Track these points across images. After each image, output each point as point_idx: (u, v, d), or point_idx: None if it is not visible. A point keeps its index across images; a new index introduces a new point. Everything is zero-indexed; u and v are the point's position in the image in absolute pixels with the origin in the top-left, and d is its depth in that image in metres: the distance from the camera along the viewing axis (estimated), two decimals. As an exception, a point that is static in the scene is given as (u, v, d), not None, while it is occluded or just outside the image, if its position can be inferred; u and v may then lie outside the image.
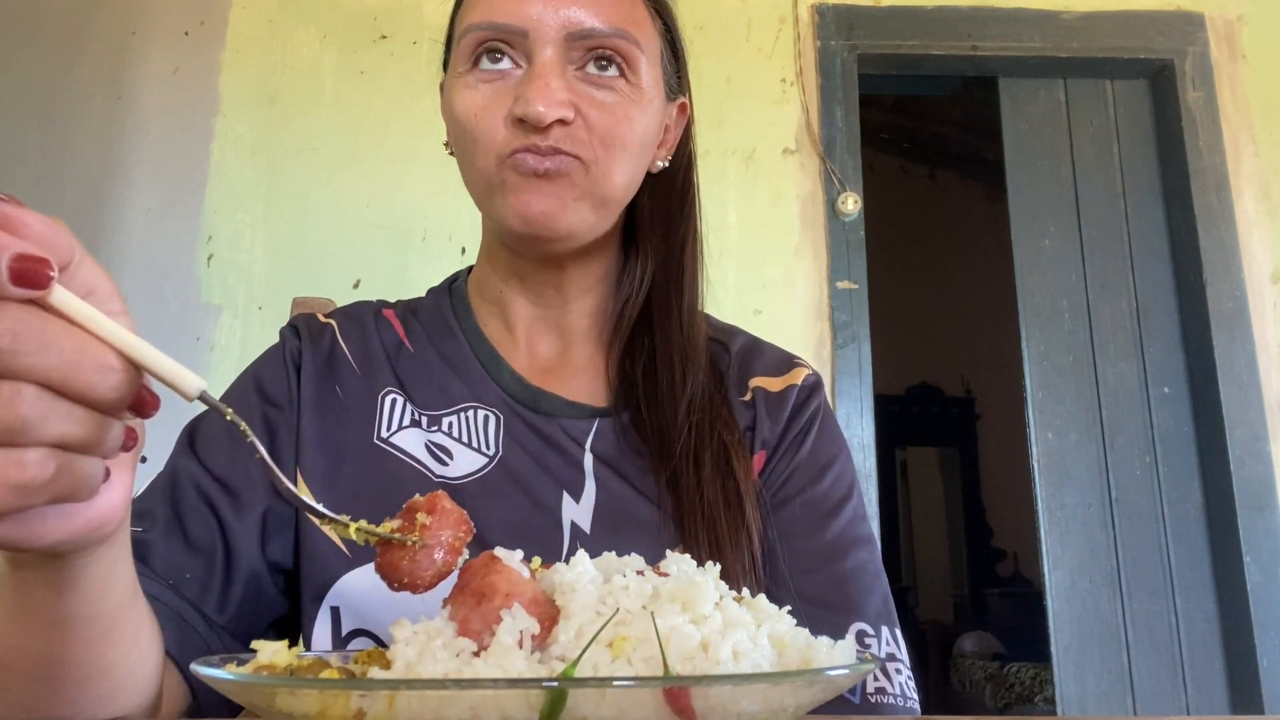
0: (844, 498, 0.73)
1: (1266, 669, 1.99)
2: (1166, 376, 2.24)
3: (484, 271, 0.80)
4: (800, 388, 0.77)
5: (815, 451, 0.74)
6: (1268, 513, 2.06)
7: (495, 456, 0.70)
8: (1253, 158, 2.27)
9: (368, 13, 2.26)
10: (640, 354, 0.75)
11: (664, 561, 0.44)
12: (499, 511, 0.67)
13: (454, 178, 0.74)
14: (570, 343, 0.78)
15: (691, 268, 0.78)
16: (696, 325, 0.77)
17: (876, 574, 0.71)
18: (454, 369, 0.75)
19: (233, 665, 0.40)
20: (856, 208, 2.16)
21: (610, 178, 0.68)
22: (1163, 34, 2.32)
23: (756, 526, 0.68)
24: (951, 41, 2.29)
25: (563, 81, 0.66)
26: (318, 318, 0.79)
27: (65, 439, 0.32)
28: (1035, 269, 2.31)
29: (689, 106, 0.79)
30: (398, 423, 0.71)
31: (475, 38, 0.68)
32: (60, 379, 0.31)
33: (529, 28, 0.66)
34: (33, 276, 0.30)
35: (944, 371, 5.85)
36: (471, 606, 0.39)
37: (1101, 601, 2.11)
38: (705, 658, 0.37)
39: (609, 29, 0.67)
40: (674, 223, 0.78)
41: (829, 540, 0.70)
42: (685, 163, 0.80)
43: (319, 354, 0.75)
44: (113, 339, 0.32)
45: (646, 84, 0.70)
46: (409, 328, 0.78)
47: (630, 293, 0.77)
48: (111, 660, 0.48)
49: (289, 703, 0.34)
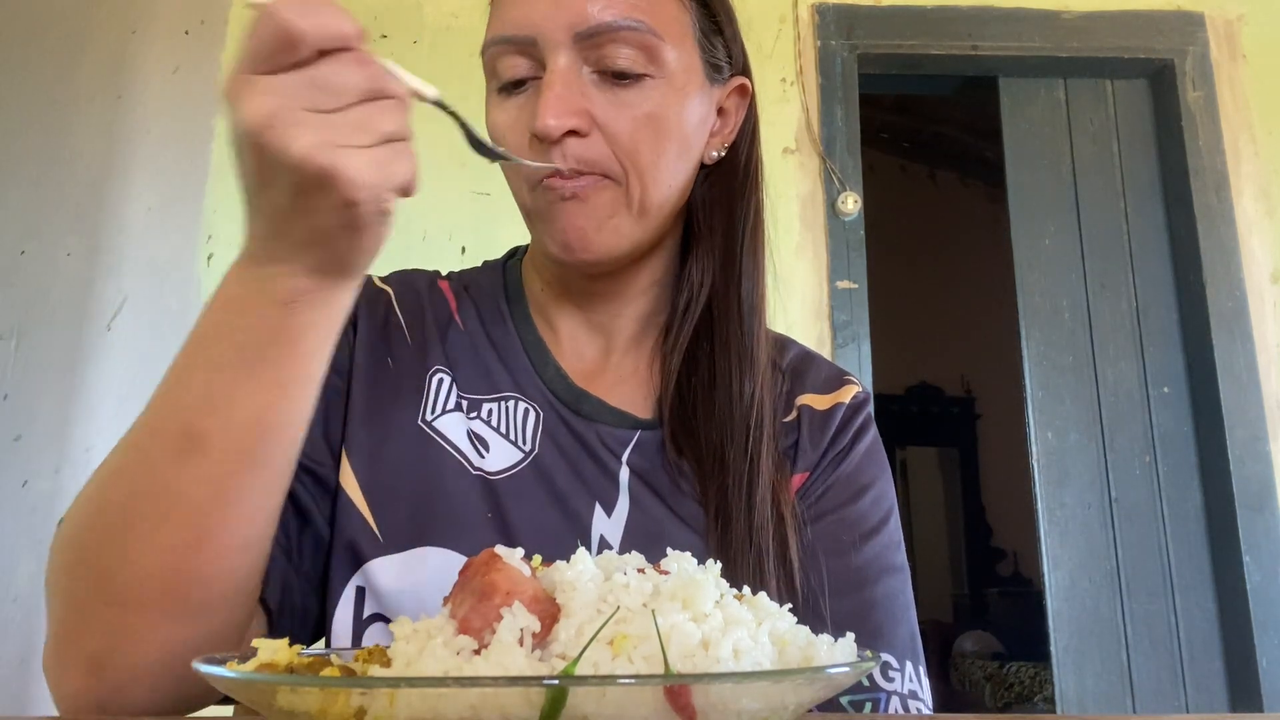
0: (881, 522, 0.70)
1: (1266, 668, 1.99)
2: (1166, 376, 2.24)
3: (529, 267, 0.78)
4: (848, 406, 0.74)
5: (857, 470, 0.71)
6: (1267, 513, 2.07)
7: (531, 453, 0.68)
8: (1253, 157, 2.27)
9: (368, 12, 2.26)
10: (695, 362, 0.71)
11: (664, 559, 0.44)
12: (529, 513, 0.66)
13: (454, 177, 0.75)
14: (615, 347, 0.75)
15: (752, 266, 0.73)
16: (758, 329, 0.71)
17: (906, 605, 0.68)
18: (500, 355, 0.73)
19: (234, 663, 0.40)
20: (856, 207, 2.16)
21: (649, 187, 0.65)
22: (1163, 34, 2.32)
23: (799, 555, 0.65)
24: (951, 41, 2.29)
25: (574, 89, 0.62)
26: (374, 281, 0.76)
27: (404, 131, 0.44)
28: (1035, 269, 2.31)
29: (750, 86, 0.74)
30: (443, 405, 0.70)
31: (493, 54, 0.66)
32: (401, 94, 0.45)
33: (535, 34, 0.63)
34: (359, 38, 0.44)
35: (944, 371, 5.85)
36: (472, 604, 0.39)
37: (1101, 601, 2.11)
38: (706, 656, 0.37)
39: (620, 20, 0.62)
40: (734, 215, 0.73)
41: (860, 564, 0.67)
42: (747, 148, 0.75)
43: (374, 320, 0.73)
44: (393, 69, 0.46)
45: (676, 71, 0.65)
46: (461, 303, 0.76)
47: (690, 298, 0.72)
48: (271, 486, 0.52)
49: (290, 700, 0.34)
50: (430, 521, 0.65)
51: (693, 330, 0.72)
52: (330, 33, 0.41)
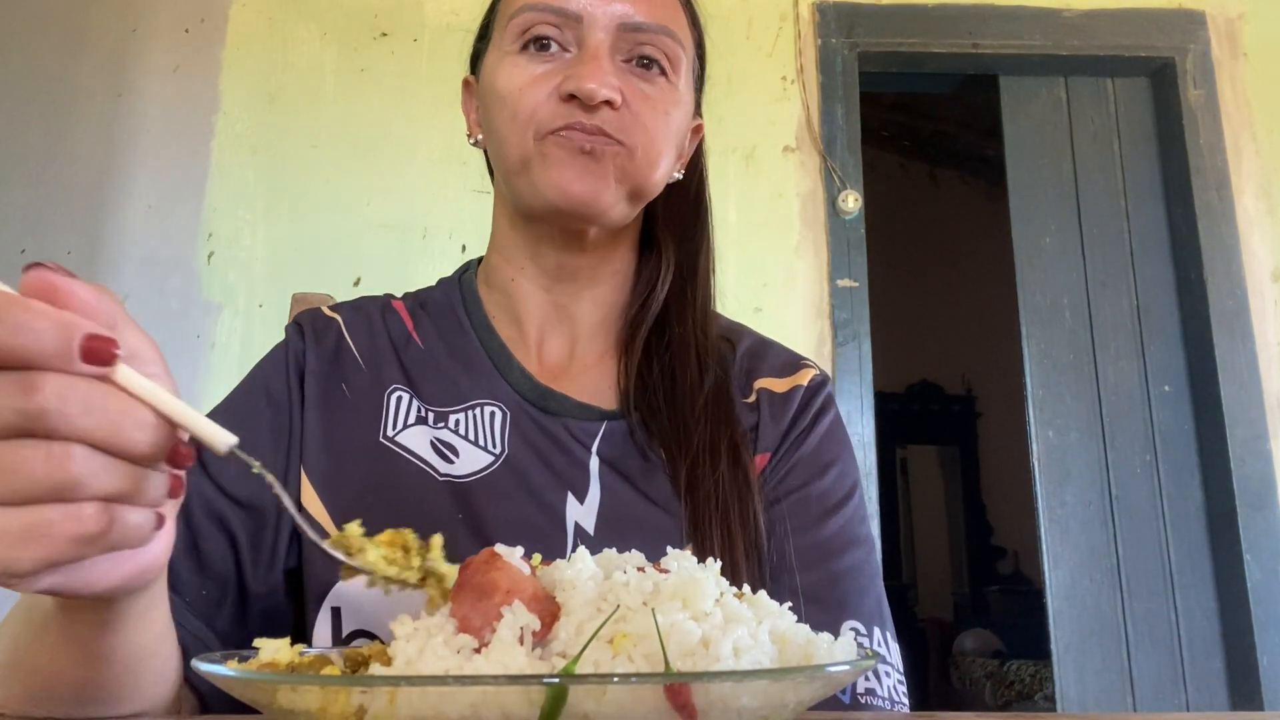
0: (845, 497, 0.73)
1: (1266, 667, 1.99)
2: (1167, 375, 2.24)
3: (494, 261, 0.79)
4: (806, 388, 0.76)
5: (819, 449, 0.74)
6: (1268, 511, 2.06)
7: (501, 455, 0.70)
8: (1254, 156, 2.27)
9: (368, 10, 2.26)
10: (655, 356, 0.75)
11: (665, 558, 0.44)
12: (503, 510, 0.67)
13: (454, 175, 0.75)
14: (579, 337, 0.77)
15: (705, 272, 0.80)
16: (710, 326, 0.78)
17: (872, 575, 0.71)
18: (463, 365, 0.74)
19: (234, 662, 0.40)
20: (857, 206, 2.16)
21: (650, 168, 0.70)
22: (1164, 32, 2.32)
23: (764, 524, 0.68)
24: (952, 39, 2.29)
25: (613, 65, 0.68)
26: (323, 312, 0.78)
27: (114, 492, 0.34)
28: (1036, 267, 2.31)
29: (702, 127, 0.82)
30: (404, 420, 0.71)
31: (528, 19, 0.69)
32: (104, 438, 0.33)
33: (584, 14, 0.68)
34: (101, 355, 0.33)
35: (944, 369, 5.85)
36: (472, 603, 0.39)
37: (1102, 599, 2.11)
38: (706, 654, 0.37)
39: (658, 26, 0.70)
40: (689, 231, 0.80)
41: (826, 537, 0.70)
42: (698, 180, 0.82)
43: (324, 351, 0.74)
44: (150, 399, 0.35)
45: (682, 88, 0.73)
46: (418, 321, 0.78)
47: (649, 292, 0.78)
48: (143, 686, 0.50)
49: (290, 699, 0.34)
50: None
51: (652, 327, 0.77)
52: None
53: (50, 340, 0.32)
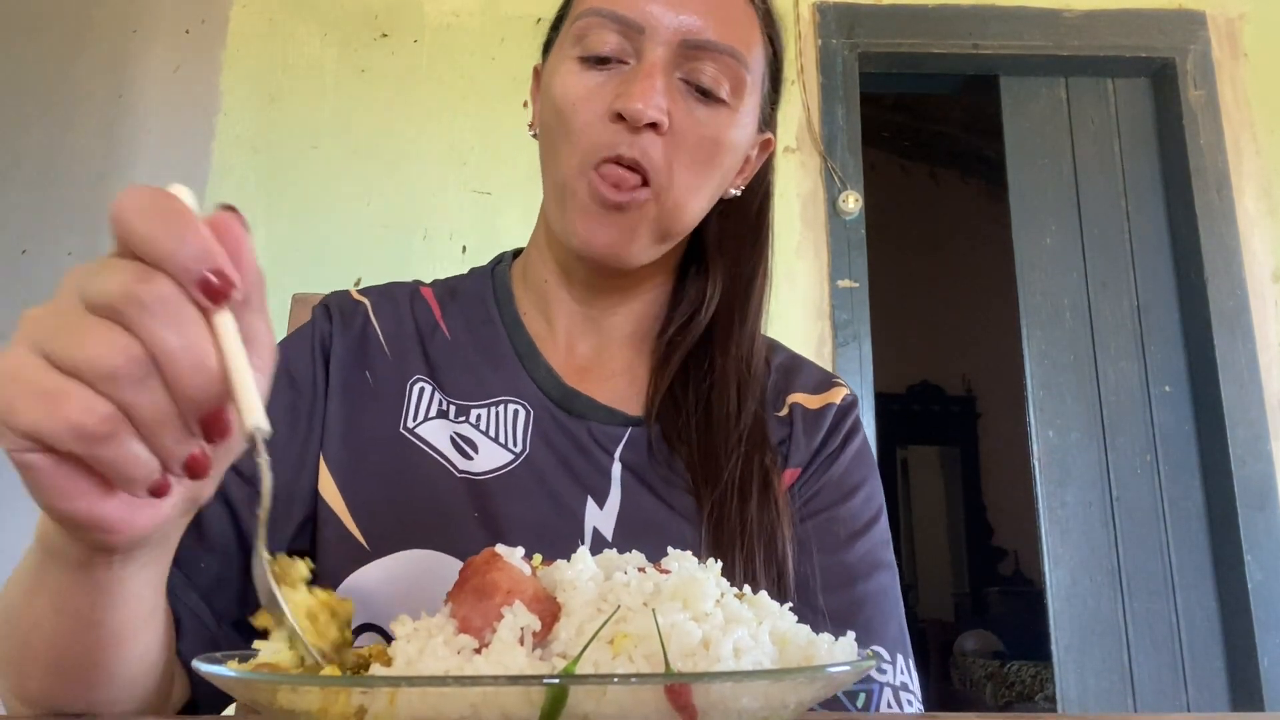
0: (871, 520, 0.72)
1: (1267, 667, 1.99)
2: (1167, 375, 2.24)
3: (532, 256, 0.78)
4: (838, 407, 0.76)
5: (848, 471, 0.73)
6: (1268, 511, 2.07)
7: (521, 454, 0.69)
8: (1254, 156, 2.27)
9: (368, 11, 2.26)
10: (694, 375, 0.73)
11: (665, 559, 0.44)
12: (519, 510, 0.66)
13: (454, 175, 0.74)
14: (608, 343, 0.76)
15: (758, 299, 0.77)
16: (756, 355, 0.75)
17: (895, 601, 0.70)
18: (489, 359, 0.73)
19: (234, 662, 0.40)
20: (857, 206, 2.16)
21: (680, 212, 0.68)
22: (1164, 32, 2.32)
23: (792, 557, 0.66)
24: (952, 40, 2.29)
25: (666, 83, 0.65)
26: (351, 295, 0.77)
27: (137, 405, 0.33)
28: (1036, 267, 2.31)
29: (773, 142, 0.78)
30: (424, 413, 0.70)
31: (591, 22, 0.67)
32: (164, 355, 0.33)
33: (646, 25, 0.65)
34: (214, 290, 0.34)
35: (945, 370, 5.85)
36: (472, 603, 0.39)
37: (1102, 600, 2.11)
38: (706, 655, 0.37)
39: (724, 45, 0.66)
40: (744, 252, 0.77)
41: (852, 561, 0.69)
42: (761, 197, 0.79)
43: (350, 336, 0.73)
44: (227, 352, 0.35)
45: (745, 109, 0.69)
46: (446, 310, 0.77)
47: (694, 311, 0.75)
48: (128, 660, 0.50)
49: (290, 699, 0.34)
50: (416, 525, 0.65)
51: (694, 341, 0.74)
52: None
53: (186, 254, 0.33)
